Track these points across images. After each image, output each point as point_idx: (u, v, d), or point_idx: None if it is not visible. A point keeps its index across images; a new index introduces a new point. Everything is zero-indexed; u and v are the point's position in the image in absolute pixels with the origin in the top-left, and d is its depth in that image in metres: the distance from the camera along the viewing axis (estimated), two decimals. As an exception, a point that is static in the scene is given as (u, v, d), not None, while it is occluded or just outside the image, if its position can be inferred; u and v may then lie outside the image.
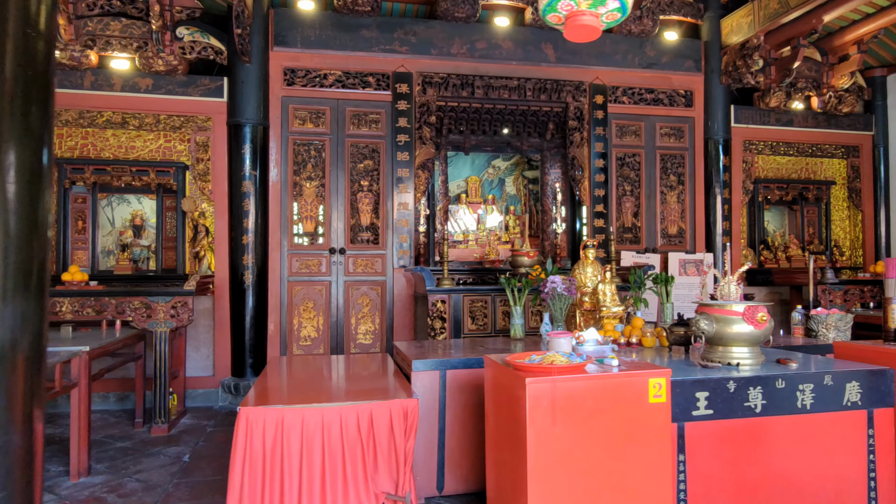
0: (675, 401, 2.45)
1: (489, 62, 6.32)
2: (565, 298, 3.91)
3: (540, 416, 2.16)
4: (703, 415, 2.48)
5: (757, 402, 2.53)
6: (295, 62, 5.96)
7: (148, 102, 5.71)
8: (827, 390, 2.61)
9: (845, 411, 2.63)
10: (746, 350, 2.78)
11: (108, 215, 6.23)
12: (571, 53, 6.48)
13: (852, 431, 2.64)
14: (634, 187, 6.78)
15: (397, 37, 6.11)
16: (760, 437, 2.54)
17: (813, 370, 2.62)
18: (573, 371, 2.21)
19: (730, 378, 2.51)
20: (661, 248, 6.78)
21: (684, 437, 2.46)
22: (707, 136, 6.83)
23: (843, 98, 7.26)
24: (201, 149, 5.85)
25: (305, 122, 6.01)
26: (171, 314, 4.73)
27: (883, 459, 2.66)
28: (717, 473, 2.49)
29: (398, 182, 6.10)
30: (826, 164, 7.65)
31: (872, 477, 2.65)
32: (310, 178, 6.03)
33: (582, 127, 6.57)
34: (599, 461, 2.22)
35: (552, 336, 2.55)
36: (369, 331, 6.08)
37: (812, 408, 2.59)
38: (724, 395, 2.50)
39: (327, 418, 2.78)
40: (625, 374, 2.25)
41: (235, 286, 5.68)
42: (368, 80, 6.10)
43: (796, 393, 2.58)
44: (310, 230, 6.02)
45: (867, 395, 2.65)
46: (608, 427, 2.23)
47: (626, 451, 2.23)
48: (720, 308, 2.77)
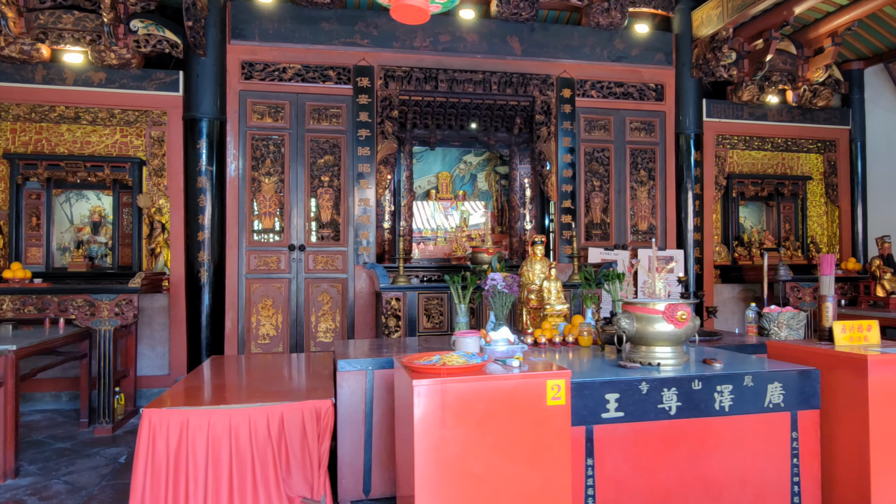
0: (584, 403, 2.35)
1: (453, 55, 6.21)
2: (507, 296, 3.80)
3: (428, 419, 2.06)
4: (614, 417, 2.38)
5: (671, 403, 2.43)
6: (253, 55, 5.85)
7: (101, 97, 5.61)
8: (747, 392, 2.50)
9: (767, 413, 2.53)
10: (669, 350, 2.67)
11: (66, 212, 6.14)
12: (538, 46, 6.37)
13: (775, 434, 2.53)
14: (604, 183, 6.66)
15: (358, 29, 6.00)
16: (676, 441, 2.43)
17: (734, 371, 2.52)
18: (466, 372, 2.11)
19: (642, 379, 2.41)
20: (631, 244, 6.67)
21: (593, 441, 2.36)
22: (678, 131, 6.71)
23: (818, 92, 7.13)
24: (157, 144, 5.76)
25: (264, 116, 5.91)
26: (115, 312, 4.64)
27: (807, 463, 2.56)
28: (629, 478, 2.39)
29: (359, 177, 6.00)
30: (803, 160, 7.53)
31: (796, 481, 2.55)
32: (269, 174, 5.93)
33: (549, 121, 6.46)
34: (495, 466, 2.12)
35: (458, 336, 2.45)
36: (330, 329, 5.98)
37: (731, 410, 2.49)
38: (636, 396, 2.39)
39: (235, 421, 2.69)
40: (521, 376, 2.14)
41: (191, 284, 5.58)
42: (329, 73, 6.00)
43: (714, 394, 2.47)
44: (269, 226, 5.92)
45: (791, 396, 2.55)
46: (504, 430, 2.13)
47: (523, 455, 2.13)
48: (642, 306, 2.66)
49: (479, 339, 2.46)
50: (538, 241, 4.22)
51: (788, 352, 2.87)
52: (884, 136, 7.10)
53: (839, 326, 2.76)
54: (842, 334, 2.76)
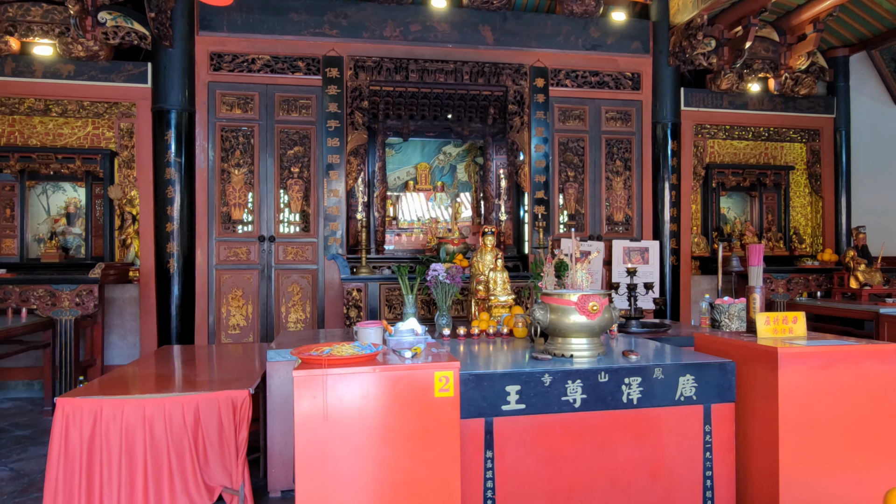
0: (483, 395, 2.33)
1: (424, 45, 6.16)
2: (449, 287, 3.79)
3: (309, 410, 2.05)
4: (515, 410, 2.36)
5: (576, 396, 2.40)
6: (221, 47, 5.85)
7: (70, 89, 5.66)
8: (657, 384, 2.47)
9: (679, 406, 2.49)
10: (585, 341, 2.64)
11: (43, 203, 6.21)
12: (511, 35, 6.30)
13: (687, 427, 2.50)
14: (578, 173, 6.59)
15: (327, 20, 5.98)
16: (581, 434, 2.41)
17: (643, 364, 2.48)
18: (350, 363, 2.10)
19: (545, 371, 2.38)
20: (606, 235, 6.61)
21: (493, 433, 2.34)
22: (655, 120, 6.61)
23: (800, 80, 6.98)
24: (126, 135, 5.80)
25: (233, 107, 5.92)
26: (76, 302, 4.70)
27: (721, 456, 2.52)
28: (531, 471, 2.37)
29: (329, 169, 5.99)
30: (787, 149, 7.39)
31: (709, 475, 2.51)
32: (238, 165, 5.94)
33: (522, 111, 6.40)
34: (382, 458, 2.11)
35: (360, 326, 2.44)
36: (300, 319, 6.00)
37: (640, 403, 2.46)
38: (538, 389, 2.37)
39: (149, 411, 2.71)
40: (407, 367, 2.13)
41: (161, 274, 5.62)
42: (298, 64, 5.98)
43: (622, 387, 2.44)
44: (238, 218, 5.95)
45: (704, 389, 2.51)
46: (390, 422, 2.12)
47: (410, 447, 2.12)
48: (557, 297, 2.63)
49: (382, 330, 2.45)
50: (488, 232, 4.19)
51: (713, 344, 2.83)
52: (868, 125, 6.94)
53: (762, 318, 2.71)
54: (765, 326, 2.71)
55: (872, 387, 2.48)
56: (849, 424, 2.46)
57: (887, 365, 2.49)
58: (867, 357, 2.48)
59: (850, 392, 2.46)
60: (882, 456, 2.48)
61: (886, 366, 2.49)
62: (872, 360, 2.49)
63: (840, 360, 2.46)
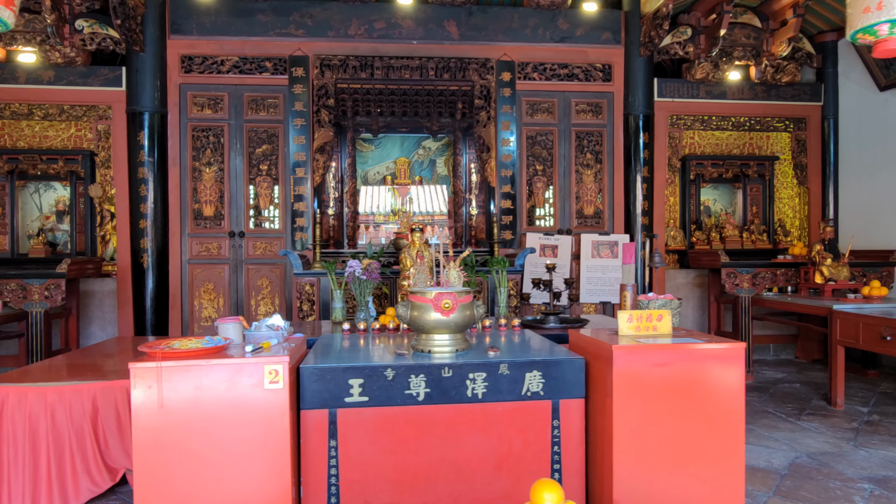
0: (326, 387, 2.45)
1: (389, 42, 6.26)
2: (366, 283, 3.91)
3: (146, 401, 2.21)
4: (358, 402, 2.47)
5: (419, 390, 2.50)
6: (192, 49, 6.09)
7: (51, 93, 5.99)
8: (503, 379, 2.53)
9: (526, 401, 2.55)
10: (446, 338, 2.72)
11: (35, 201, 6.60)
12: (477, 30, 6.33)
13: (534, 422, 2.56)
14: (547, 167, 6.59)
15: (293, 20, 6.14)
16: (425, 426, 2.50)
17: (487, 360, 2.55)
18: (185, 357, 2.25)
19: (388, 366, 2.48)
20: (576, 229, 6.60)
21: (336, 423, 2.46)
22: (627, 112, 6.54)
23: (782, 67, 6.77)
24: (103, 137, 6.12)
25: (204, 108, 6.16)
26: (45, 296, 5.02)
27: (569, 451, 2.57)
28: (375, 460, 2.48)
29: (296, 166, 6.17)
30: (773, 139, 7.19)
31: (557, 468, 2.57)
32: (209, 164, 6.19)
33: (489, 106, 6.43)
34: (217, 447, 2.25)
35: (219, 322, 2.58)
36: (269, 312, 6.23)
37: (485, 397, 2.53)
38: (381, 382, 2.47)
39: (51, 398, 2.93)
40: (238, 360, 2.26)
41: (136, 269, 5.92)
42: (265, 64, 6.17)
43: (466, 382, 2.52)
44: (210, 214, 6.20)
45: (552, 385, 2.56)
46: (224, 413, 2.26)
47: (243, 437, 2.26)
48: (420, 295, 2.72)
49: (240, 325, 2.59)
50: (417, 229, 4.28)
51: (580, 341, 2.86)
52: (854, 112, 6.68)
53: (625, 316, 2.73)
54: (628, 324, 2.73)
55: (712, 385, 2.48)
56: (686, 422, 2.47)
57: (730, 364, 2.49)
58: (709, 356, 2.49)
59: (689, 390, 2.47)
60: (719, 454, 2.49)
61: (729, 365, 2.49)
62: (715, 359, 2.49)
63: (680, 358, 2.47)
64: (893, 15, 2.95)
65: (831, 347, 4.73)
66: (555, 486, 1.63)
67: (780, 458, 3.64)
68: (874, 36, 3.24)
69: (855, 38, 3.41)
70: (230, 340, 2.48)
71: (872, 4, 2.99)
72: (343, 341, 3.22)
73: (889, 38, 3.15)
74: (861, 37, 3.35)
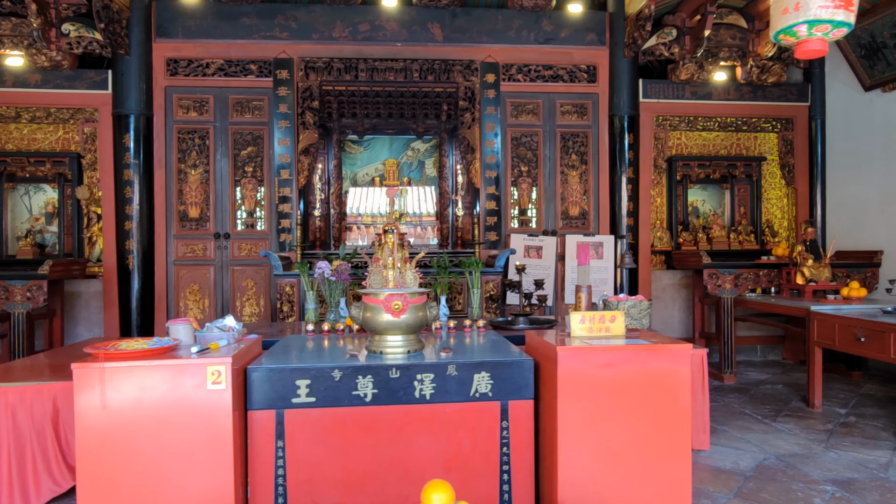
0: (274, 387, 2.47)
1: (373, 44, 6.29)
2: (335, 284, 3.93)
3: (88, 400, 2.24)
4: (305, 402, 2.49)
5: (367, 391, 2.51)
6: (177, 52, 6.14)
7: (38, 97, 6.06)
8: (451, 380, 2.55)
9: (474, 402, 2.57)
10: (399, 339, 2.74)
11: (26, 203, 6.67)
12: (461, 32, 6.35)
13: (483, 423, 2.57)
14: (532, 168, 6.59)
15: (278, 23, 6.17)
16: (373, 426, 2.52)
17: (434, 361, 2.56)
18: (128, 357, 2.28)
19: (335, 367, 2.50)
20: (561, 230, 6.59)
21: (284, 424, 2.48)
22: (612, 113, 6.53)
23: (767, 67, 6.74)
24: (90, 139, 6.18)
25: (189, 110, 6.21)
26: (26, 296, 5.07)
27: (518, 452, 2.58)
28: (323, 460, 2.50)
29: (280, 168, 6.21)
30: (761, 139, 7.15)
31: (506, 469, 2.58)
32: (195, 166, 6.24)
33: (473, 107, 6.44)
34: (160, 446, 2.28)
35: (170, 323, 2.61)
36: (254, 313, 6.27)
37: (433, 398, 2.54)
38: (329, 383, 2.49)
39: (11, 398, 2.96)
40: (181, 361, 2.29)
41: (122, 270, 5.97)
42: (250, 67, 6.21)
43: (414, 383, 2.53)
44: (195, 216, 6.24)
45: (501, 386, 2.57)
46: (168, 415, 2.28)
47: (186, 435, 2.29)
48: (373, 297, 2.74)
49: (191, 326, 2.62)
50: (389, 230, 4.29)
51: (533, 342, 2.87)
52: (841, 113, 6.64)
53: (577, 317, 2.73)
54: (580, 325, 2.73)
55: (659, 386, 2.48)
56: (633, 422, 2.47)
57: (677, 365, 2.49)
58: (657, 357, 2.49)
59: (636, 391, 2.47)
60: (665, 453, 2.49)
61: (676, 365, 2.49)
62: (662, 360, 2.49)
63: (626, 359, 2.47)
64: (811, 15, 2.93)
65: (809, 348, 4.71)
66: (445, 486, 1.65)
67: (748, 460, 3.62)
68: (794, 37, 3.22)
69: (778, 39, 3.39)
70: (179, 342, 2.51)
71: (791, 5, 2.97)
72: (307, 342, 3.24)
73: (809, 38, 3.13)
74: (783, 38, 3.34)
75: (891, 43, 5.81)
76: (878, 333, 4.01)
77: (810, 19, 2.98)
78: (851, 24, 3.15)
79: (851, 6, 2.95)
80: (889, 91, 6.03)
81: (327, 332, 3.48)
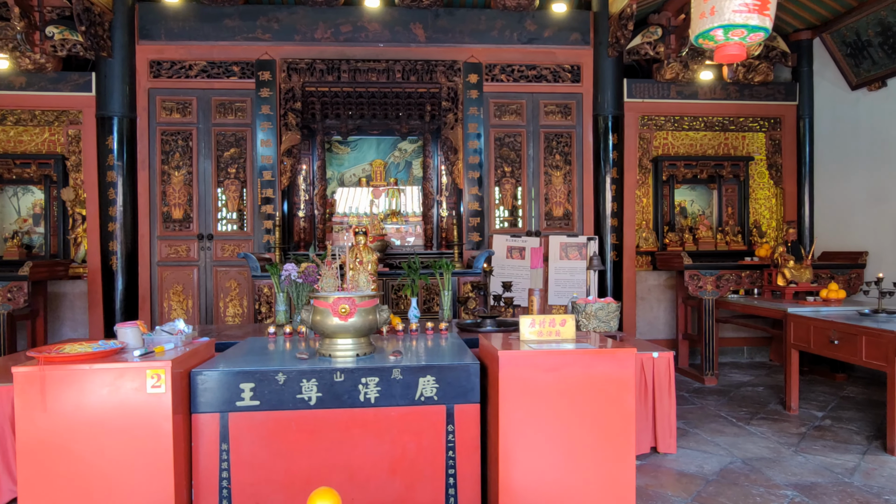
0: (219, 391, 2.48)
1: (356, 45, 6.29)
2: (303, 286, 3.94)
3: (28, 403, 2.26)
4: (249, 406, 2.50)
5: (311, 394, 2.52)
6: (160, 54, 6.17)
7: (23, 99, 6.11)
8: (396, 384, 2.55)
9: (420, 406, 2.57)
10: (349, 342, 2.74)
11: (14, 205, 6.73)
12: (443, 32, 6.34)
13: (429, 427, 2.57)
14: (515, 168, 6.58)
15: (260, 24, 6.19)
16: (318, 430, 2.52)
17: (379, 364, 2.57)
18: (69, 361, 2.29)
19: (279, 370, 2.51)
20: (545, 230, 6.56)
21: (228, 427, 2.49)
22: (596, 113, 6.50)
23: (753, 66, 6.68)
24: (74, 141, 6.22)
25: (172, 112, 6.24)
26: (7, 297, 5.12)
27: (464, 455, 2.58)
28: (267, 463, 2.50)
29: (263, 169, 6.22)
30: (749, 139, 7.09)
31: (452, 473, 2.57)
32: (178, 167, 6.27)
33: (456, 108, 6.43)
34: (99, 448, 2.29)
35: (118, 326, 2.62)
36: (238, 313, 6.29)
37: (378, 402, 2.54)
38: (273, 386, 2.50)
39: (-30, 398, 2.98)
40: (122, 364, 2.30)
41: (106, 271, 6.02)
42: (233, 69, 6.23)
43: (359, 387, 2.54)
44: (179, 217, 6.27)
45: (446, 390, 2.57)
46: (108, 418, 2.30)
47: (125, 437, 2.30)
48: (322, 300, 2.74)
49: (138, 329, 2.63)
50: (360, 232, 4.30)
51: (483, 345, 2.86)
52: (829, 112, 6.58)
53: (527, 321, 2.73)
54: (530, 329, 2.72)
55: (603, 389, 2.47)
56: (576, 426, 2.46)
57: (621, 369, 2.48)
58: (601, 361, 2.48)
59: (580, 394, 2.46)
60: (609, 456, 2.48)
61: (620, 370, 2.47)
62: (606, 364, 2.48)
63: (569, 363, 2.47)
64: (725, 20, 2.90)
65: (786, 351, 4.67)
66: (332, 494, 1.64)
67: (713, 464, 3.60)
68: (713, 41, 3.19)
69: (698, 43, 3.37)
70: (126, 345, 2.52)
71: (707, 10, 2.94)
72: (268, 345, 3.25)
73: (726, 43, 3.09)
74: (703, 42, 3.32)
75: (876, 41, 5.75)
76: (850, 336, 3.97)
77: (725, 24, 2.95)
78: (768, 28, 3.13)
79: (767, 10, 2.92)
80: (875, 90, 5.97)
81: (290, 335, 3.49)
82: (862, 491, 3.19)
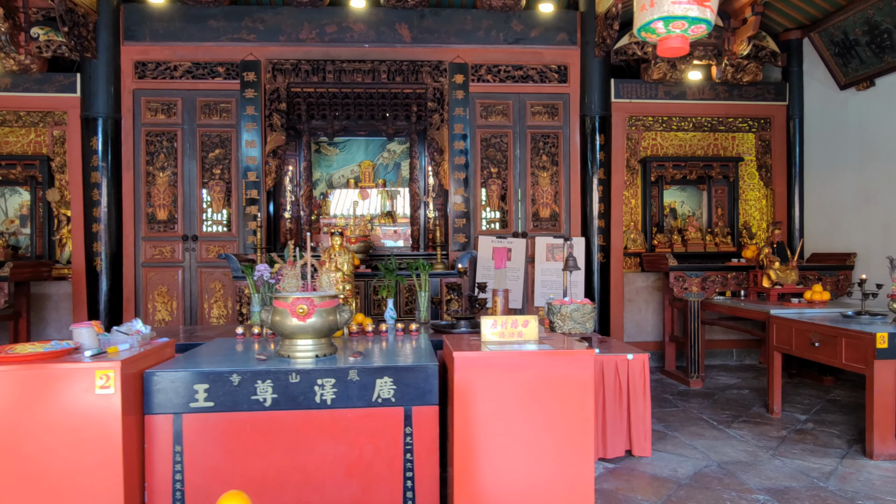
0: (172, 392, 2.46)
1: (341, 46, 6.27)
2: (273, 286, 3.91)
3: (-25, 404, 2.24)
4: (203, 407, 2.47)
5: (266, 395, 2.49)
6: (145, 55, 6.16)
7: (7, 100, 6.11)
8: (352, 386, 2.51)
9: (377, 408, 2.53)
10: (309, 343, 2.71)
11: (1, 206, 6.73)
12: (429, 33, 6.31)
13: (386, 429, 2.53)
14: (501, 169, 6.54)
15: (245, 25, 6.18)
16: (273, 432, 2.49)
17: (335, 366, 2.53)
18: (13, 361, 2.27)
19: (233, 371, 2.48)
20: (531, 231, 6.52)
21: (181, 428, 2.46)
22: (583, 114, 6.46)
23: (742, 66, 6.63)
24: (59, 142, 6.22)
25: (157, 113, 6.23)
26: (-13, 298, 5.11)
27: (422, 458, 2.54)
28: (222, 465, 2.47)
29: (247, 170, 6.21)
30: (739, 140, 7.04)
31: (410, 476, 2.54)
32: (163, 168, 6.25)
33: (441, 108, 6.40)
34: (46, 448, 2.27)
35: (73, 326, 2.60)
36: (222, 314, 6.27)
37: (334, 403, 2.51)
38: (227, 388, 2.47)
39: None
40: (72, 364, 2.27)
41: (90, 272, 6.01)
42: (218, 69, 6.22)
43: (314, 388, 2.50)
44: (164, 218, 6.26)
45: (404, 391, 2.53)
46: (57, 419, 2.27)
47: (74, 438, 2.27)
48: (282, 300, 2.71)
49: (93, 330, 2.60)
50: (336, 233, 4.27)
51: (446, 347, 2.83)
52: (818, 112, 6.53)
53: (488, 322, 2.69)
54: (491, 329, 2.69)
55: (560, 391, 2.43)
56: (534, 427, 2.42)
57: (579, 371, 2.44)
58: (559, 362, 2.44)
59: (537, 395, 2.43)
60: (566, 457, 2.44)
61: (579, 371, 2.43)
62: (565, 365, 2.44)
63: (527, 365, 2.43)
64: (664, 12, 2.85)
65: (769, 353, 4.62)
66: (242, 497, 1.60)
67: (688, 467, 3.55)
68: (654, 34, 3.14)
69: (641, 36, 3.34)
70: (80, 345, 2.49)
71: (647, 2, 2.89)
72: (236, 346, 3.23)
73: (669, 35, 3.04)
74: (645, 34, 3.28)
75: (863, 40, 5.70)
76: (830, 338, 3.92)
77: (664, 16, 2.90)
78: (709, 20, 3.07)
79: (707, 1, 2.87)
80: (863, 89, 5.91)
81: (258, 336, 3.46)
82: (836, 496, 3.14)
